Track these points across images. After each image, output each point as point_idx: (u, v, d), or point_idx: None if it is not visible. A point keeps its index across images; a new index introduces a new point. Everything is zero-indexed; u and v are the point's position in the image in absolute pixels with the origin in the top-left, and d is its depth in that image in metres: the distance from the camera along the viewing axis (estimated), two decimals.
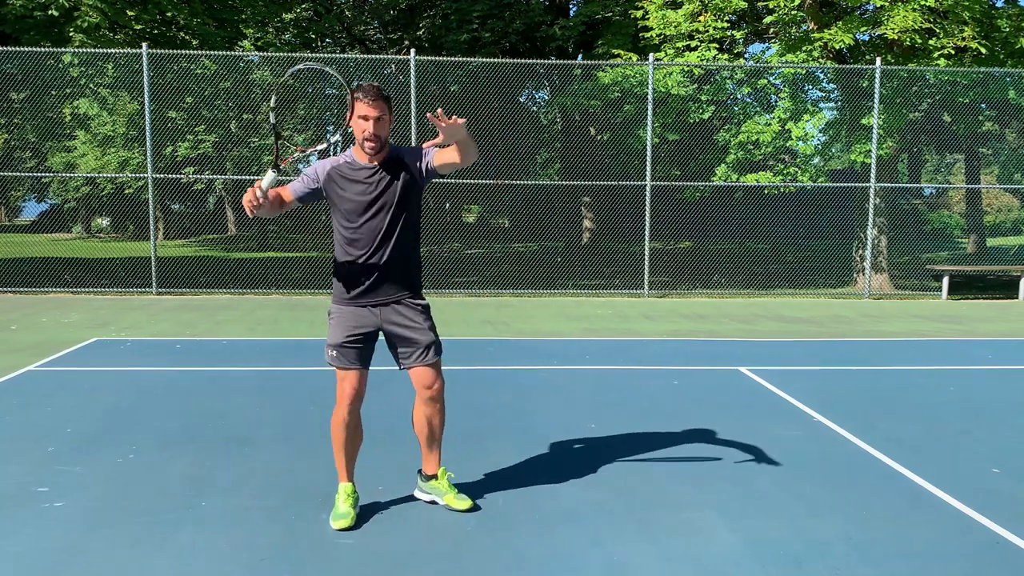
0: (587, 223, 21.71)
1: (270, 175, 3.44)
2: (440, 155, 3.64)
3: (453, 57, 17.01)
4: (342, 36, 24.29)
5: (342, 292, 3.74)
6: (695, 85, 14.55)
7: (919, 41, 12.84)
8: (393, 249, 3.68)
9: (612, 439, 5.05)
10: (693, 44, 14.09)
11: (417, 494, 4.01)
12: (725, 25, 14.23)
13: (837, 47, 13.28)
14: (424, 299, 3.84)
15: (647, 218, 12.97)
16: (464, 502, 3.87)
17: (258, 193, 3.40)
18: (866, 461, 4.71)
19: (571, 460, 4.65)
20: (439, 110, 3.36)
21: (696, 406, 5.91)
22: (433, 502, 3.95)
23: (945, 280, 13.61)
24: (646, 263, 13.12)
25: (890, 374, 7.20)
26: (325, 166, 3.69)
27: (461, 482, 4.12)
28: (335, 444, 3.81)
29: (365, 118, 3.54)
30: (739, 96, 15.64)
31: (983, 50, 12.95)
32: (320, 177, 3.68)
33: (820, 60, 13.55)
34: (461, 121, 3.39)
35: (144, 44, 12.41)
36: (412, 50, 13.35)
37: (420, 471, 4.02)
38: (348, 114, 3.60)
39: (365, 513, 3.83)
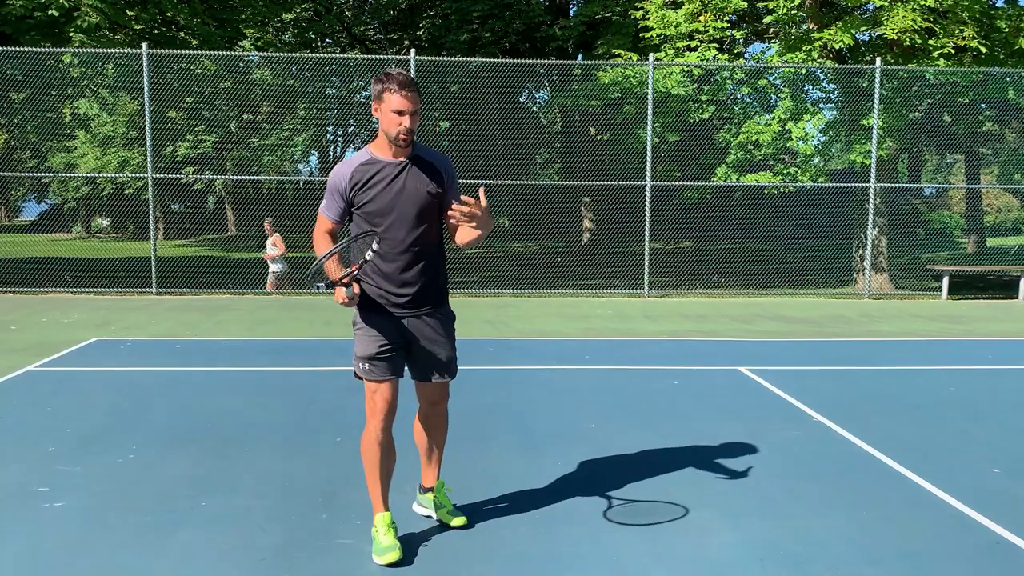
0: (587, 223, 21.70)
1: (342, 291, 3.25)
2: (462, 235, 3.40)
3: (453, 57, 17.01)
4: (342, 36, 24.29)
5: (369, 302, 3.45)
6: (695, 85, 14.54)
7: (919, 41, 12.84)
8: (421, 255, 3.44)
9: (612, 439, 5.04)
10: (693, 44, 14.09)
11: (415, 508, 3.87)
12: (725, 25, 14.23)
13: (837, 47, 13.28)
14: (451, 310, 3.64)
15: (647, 218, 12.97)
16: (459, 519, 3.70)
17: (345, 294, 3.23)
18: (866, 461, 4.71)
19: (571, 460, 4.64)
20: (471, 199, 3.13)
21: (696, 406, 5.91)
22: (430, 516, 3.79)
23: (945, 280, 13.61)
24: (646, 263, 13.12)
25: (890, 374, 7.19)
26: (346, 172, 3.39)
27: (461, 483, 4.12)
28: (368, 468, 3.42)
29: (401, 112, 3.24)
30: (739, 96, 15.64)
31: (983, 50, 12.95)
32: (344, 185, 3.39)
33: (820, 60, 13.55)
34: (484, 204, 3.16)
35: (144, 44, 12.41)
36: (412, 50, 13.36)
37: (420, 484, 3.86)
38: (375, 104, 3.30)
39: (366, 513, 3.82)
